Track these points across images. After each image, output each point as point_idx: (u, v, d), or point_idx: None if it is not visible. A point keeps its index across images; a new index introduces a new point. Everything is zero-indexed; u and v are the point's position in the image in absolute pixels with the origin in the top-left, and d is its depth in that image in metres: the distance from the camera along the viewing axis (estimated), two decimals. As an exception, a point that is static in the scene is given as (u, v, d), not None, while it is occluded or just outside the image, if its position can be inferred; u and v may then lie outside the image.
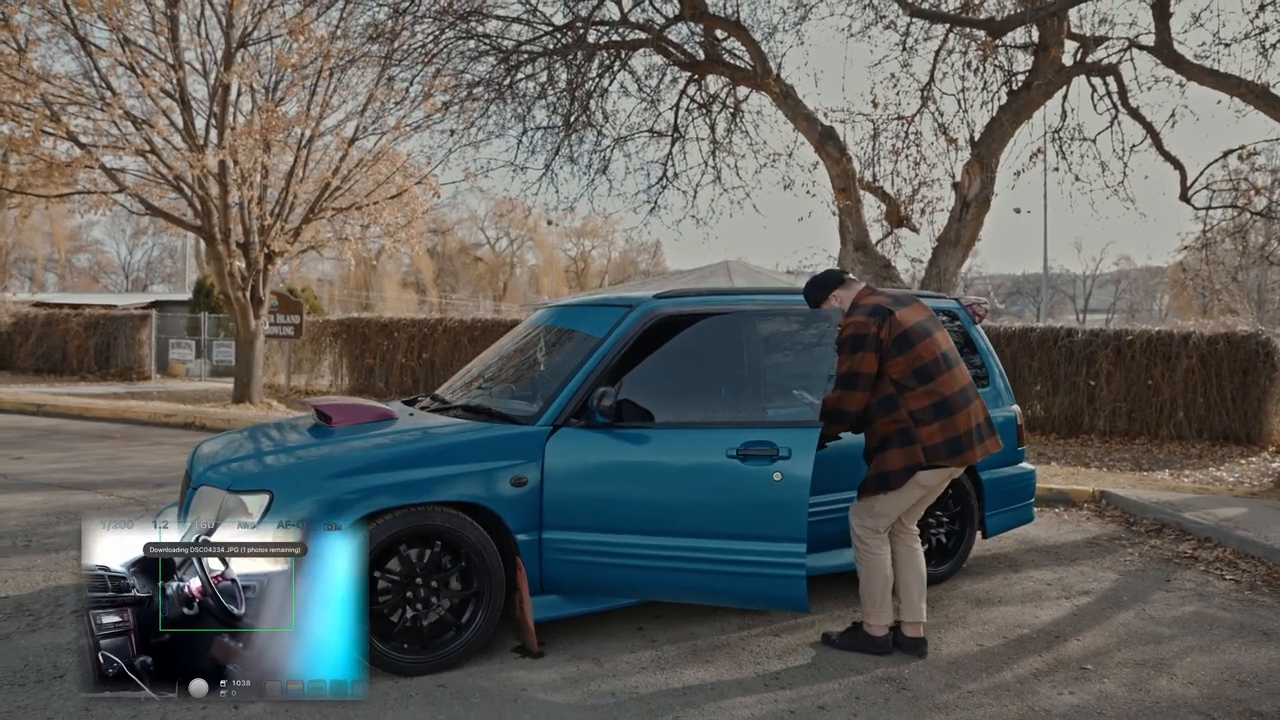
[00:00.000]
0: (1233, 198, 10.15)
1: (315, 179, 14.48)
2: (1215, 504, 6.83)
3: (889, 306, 3.77)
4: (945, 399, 3.72)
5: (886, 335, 3.71)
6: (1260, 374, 11.57)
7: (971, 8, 9.59)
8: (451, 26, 10.83)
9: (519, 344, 4.98)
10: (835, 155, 10.40)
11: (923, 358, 3.73)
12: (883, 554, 3.85)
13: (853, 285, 3.97)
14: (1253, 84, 7.99)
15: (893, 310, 3.76)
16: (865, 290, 3.93)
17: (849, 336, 3.77)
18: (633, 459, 3.81)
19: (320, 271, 46.56)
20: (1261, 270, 23.23)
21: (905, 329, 3.73)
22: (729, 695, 3.43)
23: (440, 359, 16.32)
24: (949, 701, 3.39)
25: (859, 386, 3.71)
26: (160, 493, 6.93)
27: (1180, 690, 3.54)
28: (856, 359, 3.71)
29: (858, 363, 3.71)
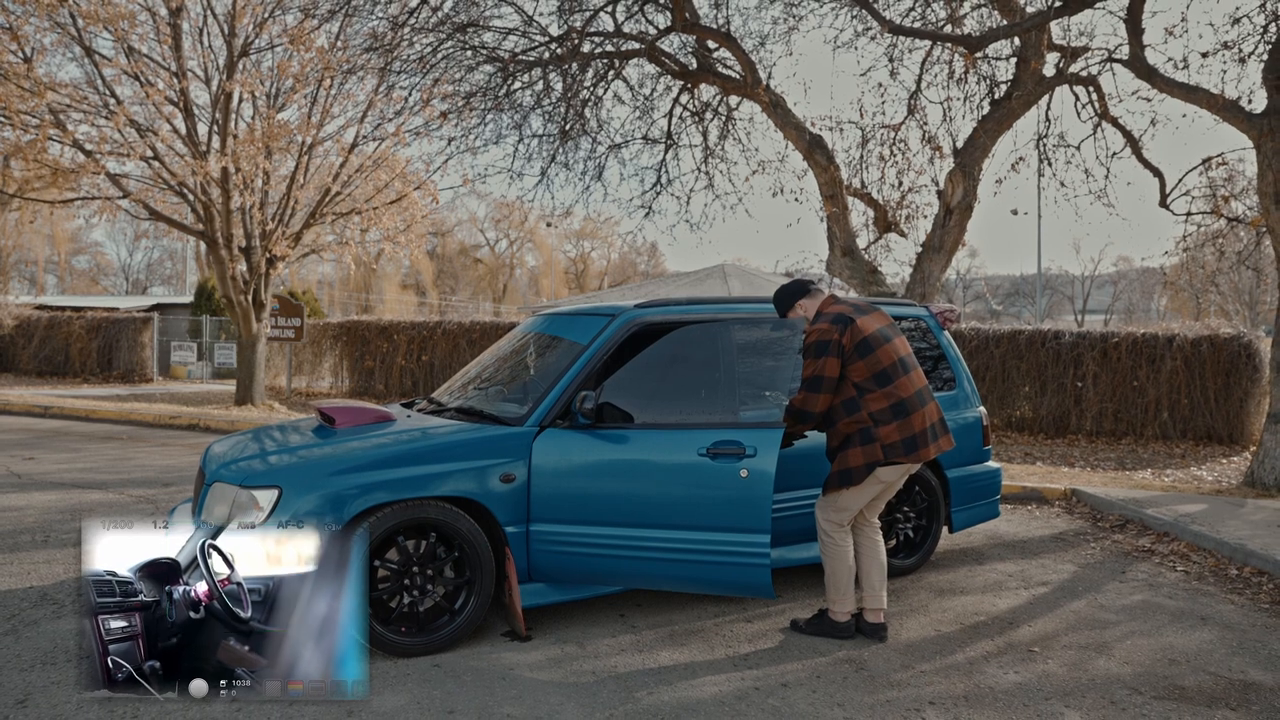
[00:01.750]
0: (1210, 205, 10.44)
1: (316, 184, 14.79)
2: (1178, 500, 7.13)
3: (850, 315, 4.07)
4: (902, 400, 4.02)
5: (849, 341, 4.01)
6: (1242, 375, 11.85)
7: (955, 19, 9.88)
8: (449, 38, 11.13)
9: (510, 350, 5.28)
10: (823, 163, 10.70)
11: (882, 362, 4.02)
12: (846, 545, 4.15)
13: (817, 295, 4.27)
14: (1220, 97, 8.27)
15: (854, 318, 4.06)
16: (829, 299, 4.23)
17: (813, 343, 4.07)
18: (613, 457, 4.10)
19: (320, 274, 46.89)
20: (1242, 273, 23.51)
21: (865, 335, 4.03)
22: (700, 674, 3.72)
23: (439, 361, 16.61)
24: (902, 680, 3.68)
25: (822, 389, 4.01)
26: (169, 492, 7.22)
27: (1116, 669, 3.84)
28: (820, 363, 4.01)
29: (821, 367, 4.00)
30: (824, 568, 4.21)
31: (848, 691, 3.56)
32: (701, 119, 12.61)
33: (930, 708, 3.41)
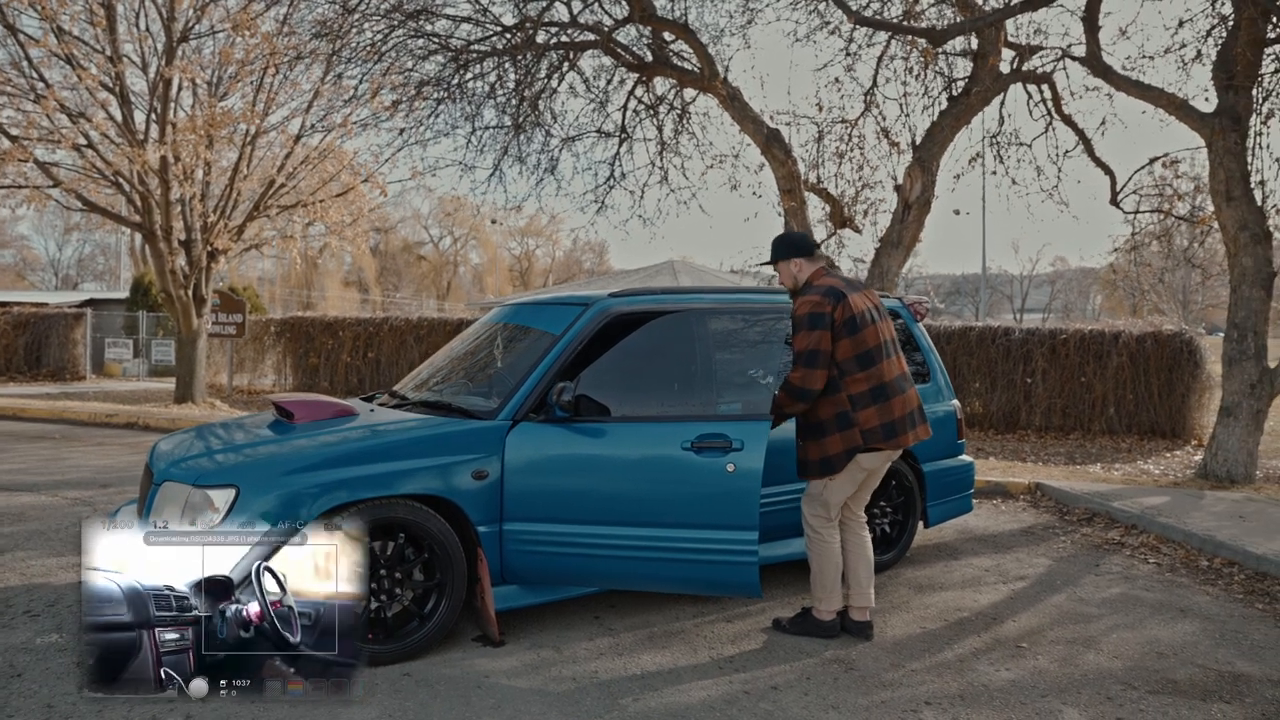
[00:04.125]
0: (1158, 203, 10.62)
1: (259, 176, 14.29)
2: (1141, 493, 7.18)
3: (843, 290, 3.94)
4: (883, 384, 3.91)
5: (839, 316, 3.87)
6: (1184, 371, 12.08)
7: (913, 15, 9.88)
8: (401, 25, 10.83)
9: (475, 341, 5.06)
10: (781, 157, 10.63)
11: (867, 343, 3.91)
12: (834, 541, 4.02)
13: (816, 260, 4.12)
14: (1174, 96, 8.38)
15: (846, 294, 3.92)
16: (821, 270, 4.08)
17: (806, 315, 3.89)
18: (591, 452, 3.92)
19: (261, 270, 45.75)
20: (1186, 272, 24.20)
21: (854, 314, 3.90)
22: (686, 679, 3.56)
23: (386, 358, 16.24)
24: (894, 680, 3.57)
25: (819, 364, 3.85)
26: (108, 493, 6.84)
27: (1106, 664, 3.78)
28: (814, 336, 3.85)
29: (816, 340, 3.84)
30: (810, 565, 4.08)
31: (840, 693, 3.43)
32: (656, 113, 12.47)
33: (927, 708, 3.30)
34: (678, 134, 12.51)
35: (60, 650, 3.67)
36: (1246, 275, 8.05)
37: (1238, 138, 8.12)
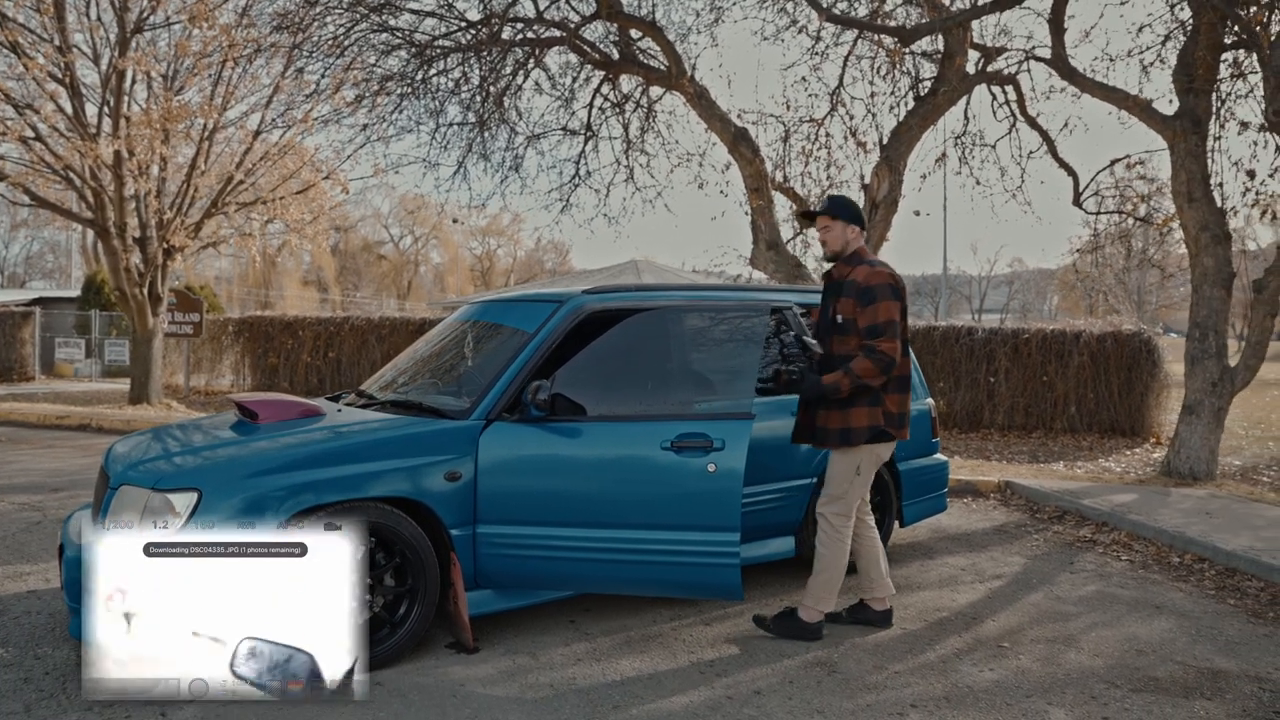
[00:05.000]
0: (1118, 204, 10.75)
1: (218, 172, 13.96)
2: (1109, 491, 7.24)
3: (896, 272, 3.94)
4: (905, 375, 3.95)
5: (904, 296, 3.88)
6: (1143, 370, 12.26)
7: (881, 15, 9.90)
8: (364, 19, 10.62)
9: (445, 339, 4.93)
10: (748, 156, 10.59)
11: (906, 331, 3.95)
12: (849, 541, 3.98)
13: (862, 235, 4.08)
14: (1138, 98, 8.47)
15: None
16: (865, 247, 4.04)
17: (883, 284, 3.83)
18: (568, 452, 3.82)
19: (218, 269, 44.86)
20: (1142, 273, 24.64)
21: (906, 300, 3.92)
22: (666, 684, 3.48)
23: (347, 358, 15.98)
24: (878, 682, 3.51)
25: (898, 334, 3.83)
26: (59, 498, 6.60)
27: (1088, 662, 3.76)
28: (893, 307, 3.82)
29: (894, 311, 3.81)
30: (817, 564, 3.98)
31: (825, 697, 3.37)
32: (622, 110, 12.37)
33: (913, 711, 3.24)
34: (644, 132, 12.43)
35: (7, 666, 3.49)
36: (1208, 275, 8.15)
37: (1198, 140, 8.22)
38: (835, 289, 4.01)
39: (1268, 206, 8.60)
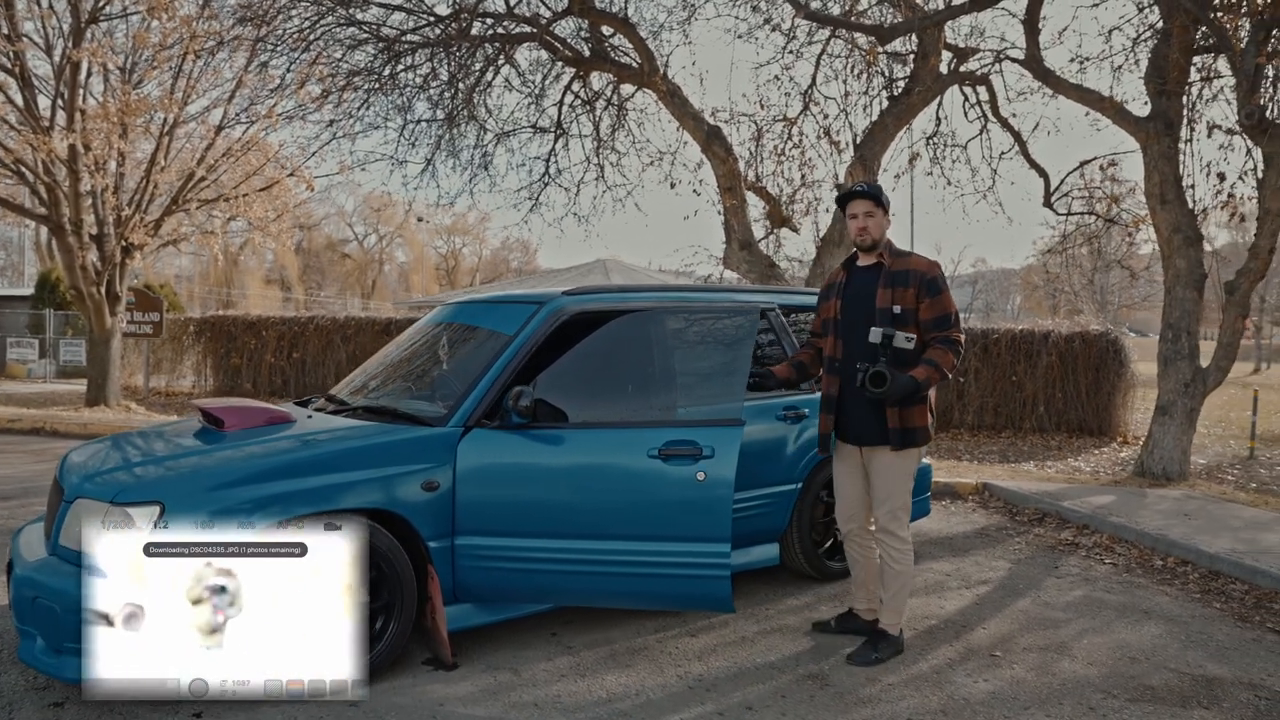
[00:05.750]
0: (1088, 205, 10.81)
1: (178, 168, 13.59)
2: (1087, 492, 7.23)
3: None
4: None
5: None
6: (1110, 370, 12.35)
7: (855, 14, 9.85)
8: (330, 12, 10.38)
9: (418, 342, 4.77)
10: (721, 155, 10.50)
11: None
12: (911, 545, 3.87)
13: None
14: (1112, 100, 8.49)
15: None
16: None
17: (942, 276, 3.77)
18: (551, 461, 3.68)
19: (178, 267, 44.01)
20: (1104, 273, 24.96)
21: None
22: (655, 699, 3.35)
23: (312, 358, 15.67)
24: (872, 695, 3.42)
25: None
26: (9, 507, 6.32)
27: (1082, 671, 3.69)
28: (952, 299, 3.74)
29: (953, 303, 3.74)
30: (892, 583, 3.80)
31: (819, 712, 3.26)
32: (593, 108, 12.23)
33: (911, 726, 3.15)
34: (615, 130, 12.30)
35: (-43, 688, 3.28)
36: (1180, 277, 8.19)
37: (1171, 142, 8.26)
38: (885, 279, 3.77)
39: (1236, 209, 8.67)
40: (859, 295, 3.85)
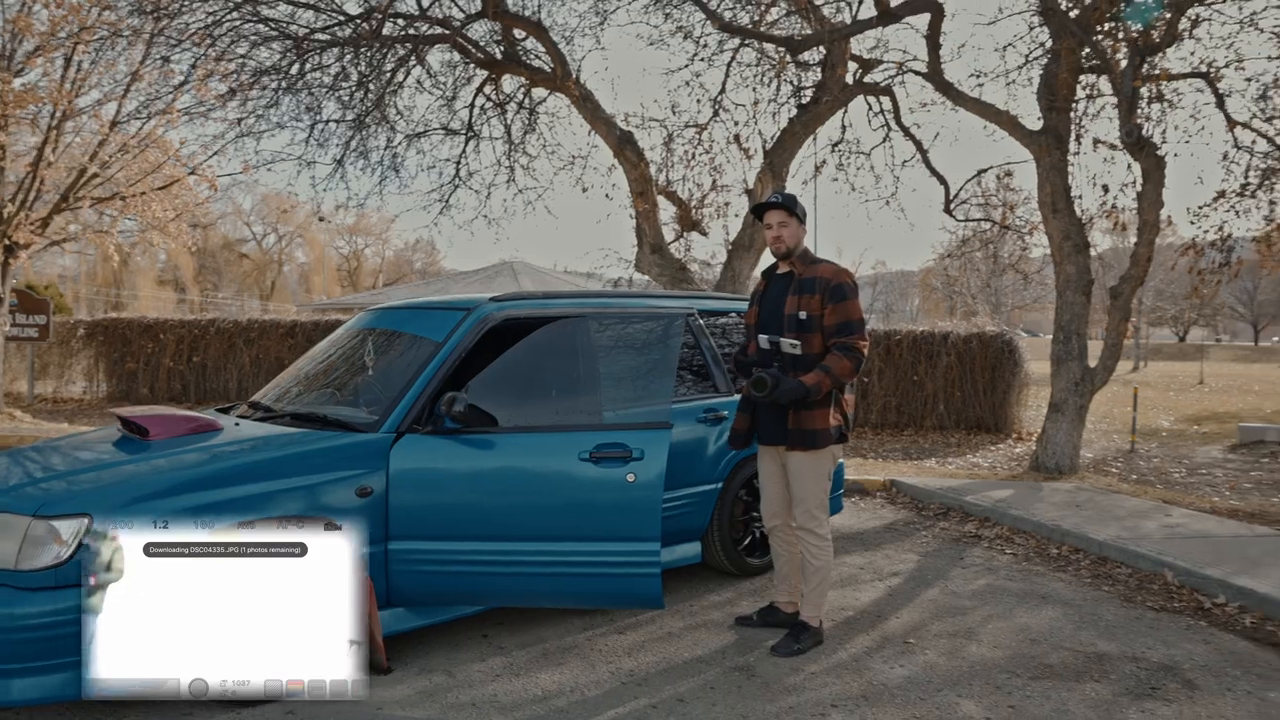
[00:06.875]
0: (985, 212, 11.37)
1: (68, 164, 13.00)
2: (987, 487, 7.62)
3: None
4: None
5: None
6: (1006, 369, 12.97)
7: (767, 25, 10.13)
8: (236, 8, 10.12)
9: (342, 348, 4.75)
10: (633, 160, 10.65)
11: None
12: (830, 539, 4.04)
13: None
14: (1008, 114, 8.96)
15: None
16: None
17: (850, 283, 3.87)
18: (484, 465, 3.74)
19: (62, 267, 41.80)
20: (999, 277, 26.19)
21: None
22: (589, 696, 3.45)
23: (213, 362, 15.19)
24: (797, 684, 3.58)
25: (866, 332, 3.88)
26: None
27: (988, 654, 3.94)
28: (859, 306, 3.87)
29: (860, 309, 3.87)
30: (812, 577, 3.99)
31: (747, 701, 3.41)
32: (505, 111, 12.24)
33: (835, 711, 3.32)
34: (526, 133, 12.33)
35: None
36: (1070, 282, 8.70)
37: (1061, 155, 8.76)
38: (794, 286, 3.92)
39: (1118, 219, 9.27)
40: (774, 302, 4.05)
